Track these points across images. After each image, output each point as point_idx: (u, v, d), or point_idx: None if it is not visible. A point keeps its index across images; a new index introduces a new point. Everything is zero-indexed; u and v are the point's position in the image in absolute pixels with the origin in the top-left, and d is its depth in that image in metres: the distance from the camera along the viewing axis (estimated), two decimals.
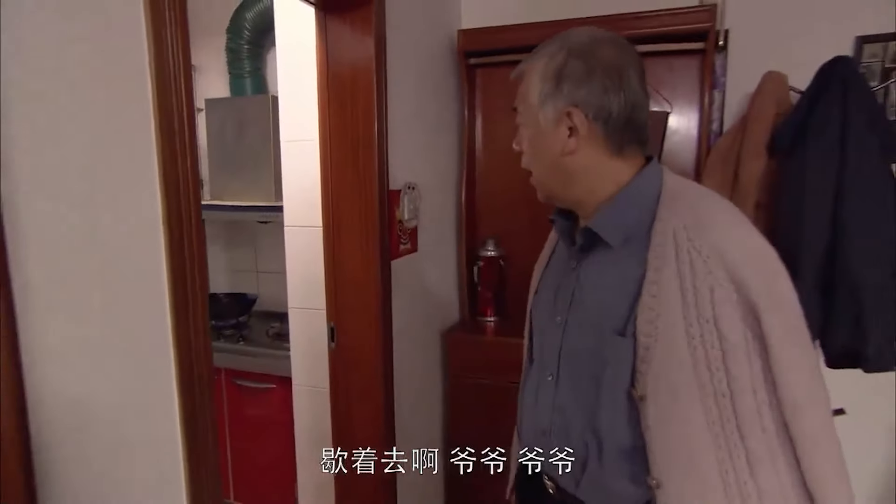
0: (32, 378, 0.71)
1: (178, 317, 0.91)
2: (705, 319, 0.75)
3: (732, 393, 0.75)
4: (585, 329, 0.88)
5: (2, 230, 0.66)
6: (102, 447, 0.81)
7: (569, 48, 0.85)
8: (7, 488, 0.69)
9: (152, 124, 0.86)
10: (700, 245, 0.76)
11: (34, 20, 0.70)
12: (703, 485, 0.77)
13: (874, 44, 1.85)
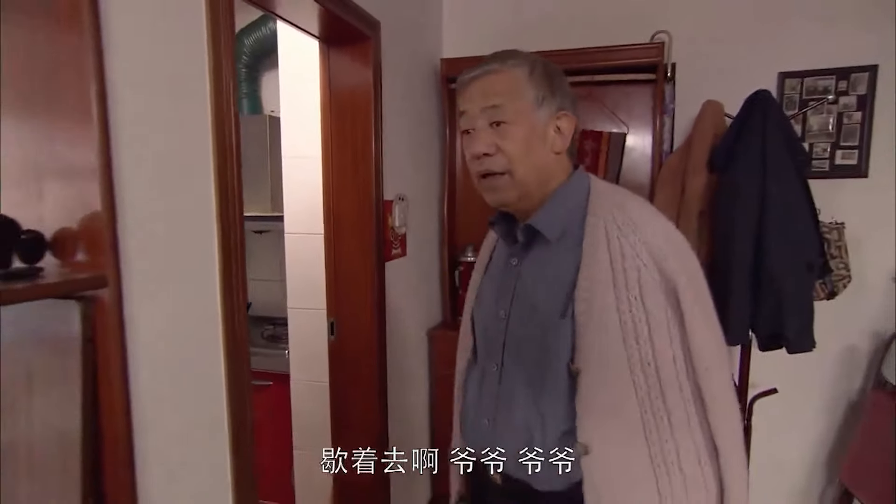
0: (135, 364, 0.90)
1: (225, 294, 1.11)
2: (633, 297, 0.85)
3: (656, 362, 0.84)
4: (528, 318, 0.93)
5: (115, 231, 0.86)
6: (174, 406, 1.00)
7: (540, 62, 0.93)
8: (112, 449, 0.88)
9: (210, 145, 1.07)
10: (628, 233, 0.87)
11: (145, 79, 0.91)
12: (630, 446, 0.86)
13: (793, 79, 2.19)
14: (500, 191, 0.93)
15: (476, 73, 0.92)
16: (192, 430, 1.05)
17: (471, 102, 0.93)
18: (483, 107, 0.91)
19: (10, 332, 0.87)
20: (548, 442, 0.89)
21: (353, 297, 1.89)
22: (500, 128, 0.90)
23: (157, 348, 0.96)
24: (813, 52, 2.16)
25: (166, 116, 0.98)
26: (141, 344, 0.92)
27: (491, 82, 0.91)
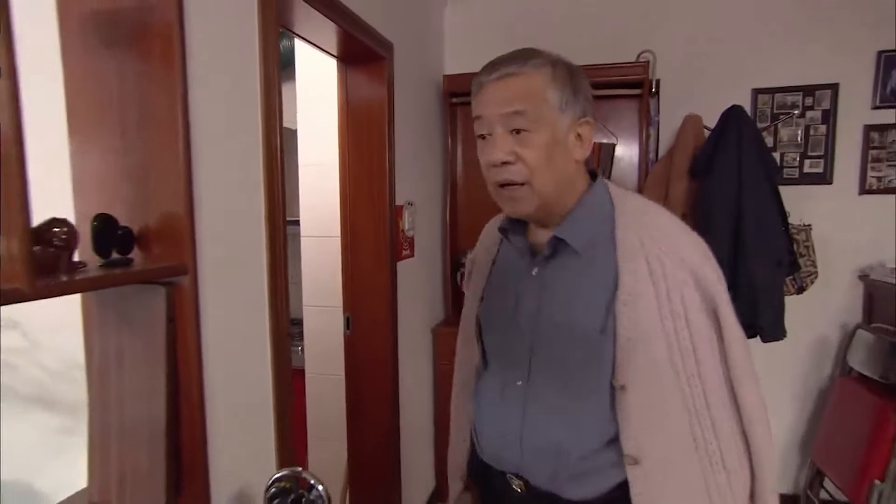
0: (205, 341, 1.07)
1: (271, 283, 1.28)
2: (677, 315, 0.84)
3: (701, 374, 0.86)
4: (562, 333, 0.90)
5: (193, 227, 1.03)
6: (232, 388, 1.17)
7: (563, 63, 0.88)
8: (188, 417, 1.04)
9: (261, 159, 1.24)
10: (668, 250, 0.86)
11: (211, 106, 1.08)
12: (680, 453, 0.87)
13: (765, 94, 2.41)
14: (519, 202, 0.88)
15: (494, 76, 0.86)
16: (246, 397, 1.21)
17: (488, 107, 0.87)
18: (501, 113, 0.85)
19: (108, 313, 1.03)
20: (586, 457, 0.89)
21: (367, 294, 2.06)
22: (521, 135, 0.85)
23: (222, 327, 1.13)
24: (782, 70, 2.38)
25: (228, 134, 1.15)
26: (210, 323, 1.09)
27: (510, 86, 0.85)
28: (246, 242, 1.22)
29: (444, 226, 2.71)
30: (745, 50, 2.42)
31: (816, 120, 2.36)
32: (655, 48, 2.46)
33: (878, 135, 2.30)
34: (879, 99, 2.28)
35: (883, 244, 2.30)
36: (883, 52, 2.26)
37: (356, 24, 1.75)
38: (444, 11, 2.77)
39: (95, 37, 1.00)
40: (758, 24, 2.39)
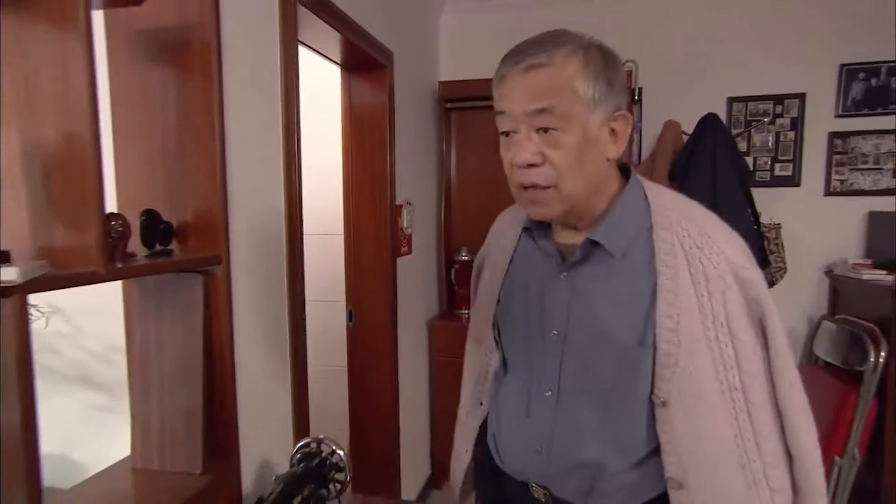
0: (236, 324, 1.19)
1: (290, 273, 1.41)
2: (720, 322, 0.78)
3: (744, 385, 0.79)
4: (596, 344, 0.84)
5: (227, 222, 1.16)
6: (255, 375, 1.29)
7: (595, 47, 0.79)
8: (219, 389, 1.17)
9: (281, 163, 1.37)
10: (710, 252, 0.79)
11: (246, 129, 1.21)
12: (726, 471, 0.80)
13: (739, 102, 2.58)
14: (545, 205, 0.81)
15: (520, 66, 0.77)
16: (268, 374, 1.34)
17: (512, 102, 0.78)
18: (527, 110, 0.77)
19: (148, 299, 1.15)
20: (621, 473, 0.84)
21: (369, 289, 2.19)
22: (548, 134, 0.77)
23: (249, 312, 1.26)
24: (755, 80, 2.56)
25: (255, 139, 1.28)
26: (240, 308, 1.21)
27: (537, 79, 0.76)
28: (269, 236, 1.35)
29: (439, 224, 2.85)
30: (721, 61, 2.59)
31: (786, 127, 2.54)
32: (638, 58, 2.62)
33: (841, 141, 2.48)
34: (842, 108, 2.46)
35: (846, 242, 2.49)
36: (844, 65, 2.44)
37: (359, 35, 1.88)
38: (439, 20, 2.91)
39: (140, 51, 1.12)
40: (733, 38, 2.57)
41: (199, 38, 1.10)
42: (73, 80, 0.82)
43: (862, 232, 2.48)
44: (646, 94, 2.65)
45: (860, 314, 2.26)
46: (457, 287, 2.86)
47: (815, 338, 2.46)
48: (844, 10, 2.43)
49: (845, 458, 2.08)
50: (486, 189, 2.83)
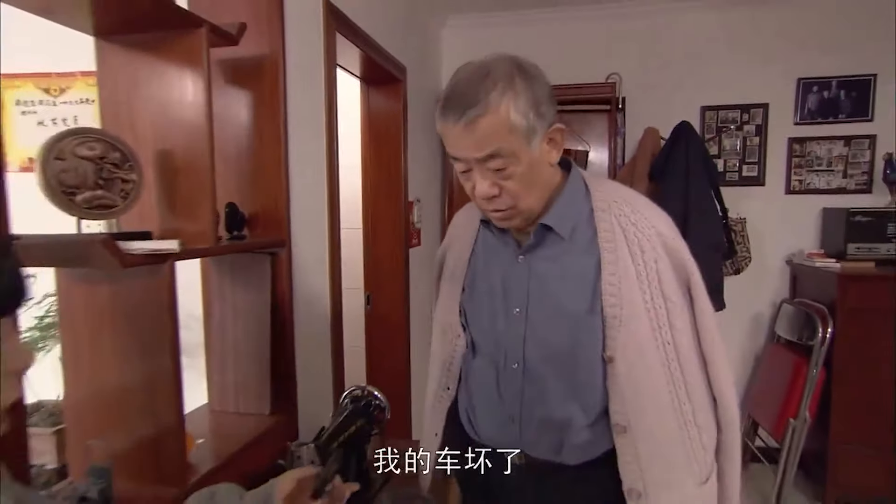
0: (294, 296, 1.47)
1: (331, 256, 1.69)
2: (654, 287, 0.90)
3: (675, 340, 0.91)
4: (553, 316, 0.94)
5: (289, 213, 1.44)
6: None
7: (518, 77, 0.85)
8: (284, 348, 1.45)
9: (325, 167, 1.65)
10: (643, 227, 0.91)
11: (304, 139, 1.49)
12: (662, 416, 0.92)
13: (711, 111, 2.90)
14: (508, 220, 0.94)
15: (461, 123, 0.83)
16: (316, 338, 1.63)
17: (462, 151, 0.87)
18: (477, 157, 0.85)
19: (223, 276, 1.43)
20: (584, 427, 0.94)
21: (385, 276, 2.48)
22: (499, 171, 0.87)
23: (303, 286, 1.54)
24: (725, 92, 2.88)
25: (307, 146, 1.56)
26: (297, 283, 1.50)
27: (478, 130, 0.83)
28: (316, 225, 1.63)
29: (442, 219, 3.14)
30: (696, 74, 2.91)
31: (751, 133, 2.86)
32: (621, 71, 2.93)
33: (799, 146, 2.81)
34: (800, 117, 2.79)
35: (803, 234, 2.82)
36: (801, 79, 2.77)
37: (379, 52, 2.16)
38: (441, 35, 3.20)
39: (222, 76, 1.40)
40: (707, 54, 2.89)
41: (270, 65, 1.39)
42: (195, 103, 1.11)
43: (817, 225, 2.81)
44: (629, 103, 2.96)
45: (814, 297, 2.59)
46: None
47: (777, 319, 2.79)
48: (802, 32, 2.76)
49: (798, 419, 2.41)
50: None
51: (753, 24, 2.81)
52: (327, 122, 1.66)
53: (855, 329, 2.39)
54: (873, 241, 2.50)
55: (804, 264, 2.70)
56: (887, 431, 2.37)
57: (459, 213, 1.17)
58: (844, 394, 2.42)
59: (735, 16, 2.82)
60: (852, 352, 2.40)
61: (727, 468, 0.99)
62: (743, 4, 2.79)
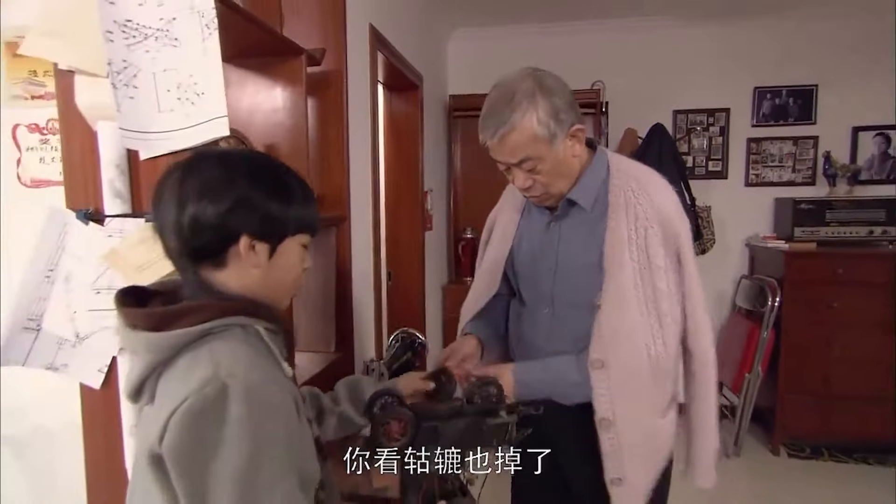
0: (353, 260, 1.87)
1: (374, 231, 2.10)
2: (641, 250, 1.08)
3: (656, 298, 1.09)
4: (573, 271, 1.16)
5: (349, 196, 1.84)
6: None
7: (539, 91, 1.04)
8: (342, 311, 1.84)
9: (370, 159, 2.06)
10: (643, 201, 1.09)
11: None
12: (637, 358, 1.09)
13: (682, 114, 3.36)
14: (544, 201, 1.18)
15: (495, 139, 1.07)
16: (365, 295, 2.03)
17: (502, 157, 1.11)
18: (512, 162, 1.09)
19: None
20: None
21: (405, 256, 2.88)
22: (532, 170, 1.09)
23: (358, 252, 1.94)
24: (693, 98, 3.34)
25: (358, 143, 1.96)
26: (353, 250, 1.90)
27: (509, 143, 1.06)
28: (365, 206, 2.04)
29: (449, 208, 3.55)
30: (669, 82, 3.36)
31: (716, 133, 3.33)
32: (605, 79, 3.36)
33: (755, 145, 3.28)
34: (756, 120, 3.26)
35: (759, 220, 3.29)
36: (757, 87, 3.24)
37: (402, 63, 2.56)
38: (448, 43, 3.60)
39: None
40: (678, 65, 3.34)
41: (336, 78, 1.78)
42: (294, 110, 1.50)
43: (770, 213, 3.28)
44: (611, 107, 3.40)
45: (767, 273, 3.06)
46: (462, 259, 3.56)
47: (737, 292, 3.26)
48: (758, 47, 3.22)
49: (752, 373, 2.87)
50: (484, 180, 3.53)
51: (718, 40, 3.28)
52: (372, 125, 2.06)
53: (798, 298, 2.86)
54: (815, 226, 2.97)
55: (760, 245, 3.17)
56: (824, 383, 2.85)
57: (506, 192, 1.40)
58: (790, 352, 2.89)
59: (702, 33, 3.28)
60: (796, 316, 2.87)
61: (701, 393, 1.18)
62: (709, 24, 3.25)
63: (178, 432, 0.65)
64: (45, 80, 1.66)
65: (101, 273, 0.99)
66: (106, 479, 1.09)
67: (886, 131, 3.09)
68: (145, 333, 0.71)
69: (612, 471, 1.11)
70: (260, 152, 0.86)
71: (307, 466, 0.77)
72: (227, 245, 0.75)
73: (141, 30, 0.97)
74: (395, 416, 0.88)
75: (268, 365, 0.75)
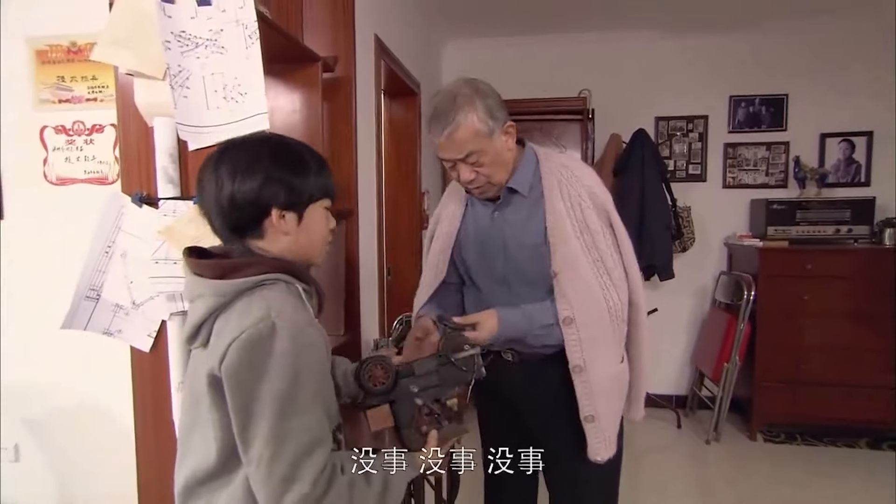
0: (360, 248, 2.03)
1: (378, 223, 2.26)
2: (580, 220, 1.28)
3: (602, 257, 1.29)
4: (521, 249, 1.32)
5: (357, 190, 2.00)
6: None
7: (475, 94, 1.22)
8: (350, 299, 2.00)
9: (374, 158, 2.23)
10: (574, 182, 1.30)
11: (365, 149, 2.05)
12: (598, 309, 1.28)
13: (663, 121, 3.57)
14: (485, 192, 1.33)
15: (442, 136, 1.22)
16: (371, 279, 2.19)
17: (448, 153, 1.25)
18: (459, 157, 1.24)
19: None
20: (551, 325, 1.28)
21: (403, 252, 3.04)
22: (475, 164, 1.24)
23: (364, 241, 2.10)
24: (674, 105, 3.55)
25: (365, 143, 2.13)
26: (360, 239, 2.06)
27: (455, 139, 1.21)
28: (370, 202, 2.20)
29: None
30: (651, 91, 3.57)
31: (695, 139, 3.54)
32: (592, 87, 3.55)
33: (732, 150, 3.50)
34: (732, 126, 3.49)
35: (736, 220, 3.50)
36: (732, 96, 3.47)
37: (403, 71, 2.74)
38: (443, 53, 3.79)
39: None
40: (660, 74, 3.55)
41: (346, 83, 1.96)
42: (313, 115, 1.67)
43: (746, 213, 3.49)
44: (597, 114, 3.60)
45: (743, 269, 3.26)
46: None
47: (717, 288, 3.46)
48: (733, 59, 3.45)
49: (730, 362, 3.06)
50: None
51: (696, 52, 3.50)
52: (376, 128, 2.23)
53: (772, 291, 3.06)
54: (787, 225, 3.18)
55: (736, 243, 3.38)
56: (796, 371, 3.05)
57: (449, 189, 1.55)
58: (764, 342, 3.08)
59: (682, 45, 3.51)
60: (770, 309, 3.07)
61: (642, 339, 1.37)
62: (688, 37, 3.47)
63: (237, 356, 0.80)
64: (73, 85, 1.82)
65: (157, 247, 1.14)
66: (153, 433, 1.24)
67: (851, 138, 3.32)
68: (212, 280, 0.86)
69: (586, 409, 1.28)
70: (277, 134, 1.01)
71: (330, 404, 0.92)
72: (261, 217, 0.88)
73: (193, 39, 1.14)
74: (378, 363, 1.02)
75: (308, 314, 0.91)
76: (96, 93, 1.76)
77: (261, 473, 0.80)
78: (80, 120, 1.78)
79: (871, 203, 3.09)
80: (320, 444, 0.84)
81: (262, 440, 0.80)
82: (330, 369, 0.93)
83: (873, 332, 2.94)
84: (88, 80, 1.77)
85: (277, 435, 0.80)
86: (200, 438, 0.88)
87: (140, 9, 1.12)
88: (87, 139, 1.79)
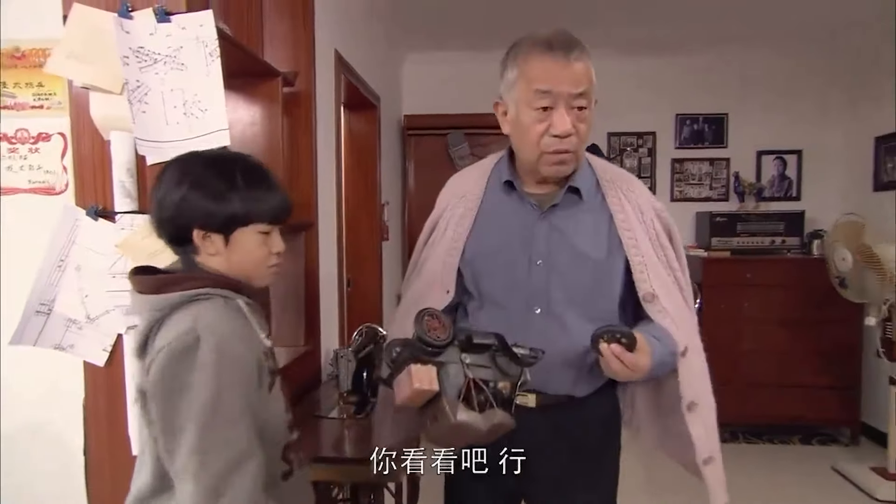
0: (320, 262, 2.05)
1: (339, 238, 2.28)
2: (654, 239, 1.12)
3: (673, 271, 1.15)
4: (574, 263, 1.09)
5: (316, 203, 2.02)
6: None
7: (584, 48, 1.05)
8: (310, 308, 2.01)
9: (333, 171, 2.25)
10: (638, 196, 1.14)
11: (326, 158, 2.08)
12: (695, 336, 1.15)
13: (615, 136, 3.74)
14: (567, 165, 1.07)
15: (570, 57, 1.00)
16: (330, 291, 2.21)
17: (559, 85, 1.00)
18: (572, 92, 1.00)
19: None
20: (595, 361, 1.03)
21: (363, 264, 3.06)
22: (581, 112, 1.02)
23: (324, 254, 2.12)
24: (625, 122, 3.72)
25: (325, 156, 2.15)
26: (321, 254, 2.08)
27: (578, 68, 1.00)
28: (330, 214, 2.22)
29: (403, 220, 3.77)
30: (603, 107, 3.64)
31: (645, 154, 3.72)
32: None
33: (679, 165, 3.70)
34: (678, 143, 3.69)
35: (683, 232, 3.55)
36: (678, 114, 3.67)
37: (363, 84, 2.78)
38: (403, 66, 3.86)
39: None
40: (612, 92, 3.66)
41: (306, 98, 1.98)
42: (273, 128, 1.69)
43: (693, 225, 3.69)
44: None
45: (691, 279, 3.42)
46: None
47: None
48: (678, 79, 3.66)
49: None
50: (435, 195, 3.78)
51: (645, 72, 3.69)
52: (336, 141, 2.26)
53: (716, 299, 3.24)
54: (728, 236, 3.37)
55: None
56: (737, 373, 3.22)
57: (453, 180, 1.29)
58: (709, 346, 3.23)
59: (632, 65, 3.68)
60: (714, 315, 3.24)
61: None
62: (639, 58, 3.66)
63: (160, 369, 0.80)
64: (16, 91, 1.78)
65: (115, 261, 1.14)
66: (107, 451, 1.22)
67: (783, 155, 3.57)
68: (148, 296, 0.87)
69: (705, 451, 1.14)
70: (221, 154, 0.99)
71: (270, 421, 0.89)
72: (188, 235, 0.88)
73: (152, 55, 1.15)
74: (434, 317, 0.91)
75: (241, 328, 0.88)
76: (42, 100, 1.72)
77: (188, 485, 0.79)
78: (24, 128, 1.73)
79: (801, 216, 3.33)
80: (250, 457, 0.81)
81: (187, 452, 0.78)
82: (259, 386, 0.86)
83: (804, 336, 3.15)
84: (34, 86, 1.72)
85: (202, 447, 0.78)
86: (142, 456, 0.89)
87: (96, 24, 1.12)
88: (31, 147, 1.74)
